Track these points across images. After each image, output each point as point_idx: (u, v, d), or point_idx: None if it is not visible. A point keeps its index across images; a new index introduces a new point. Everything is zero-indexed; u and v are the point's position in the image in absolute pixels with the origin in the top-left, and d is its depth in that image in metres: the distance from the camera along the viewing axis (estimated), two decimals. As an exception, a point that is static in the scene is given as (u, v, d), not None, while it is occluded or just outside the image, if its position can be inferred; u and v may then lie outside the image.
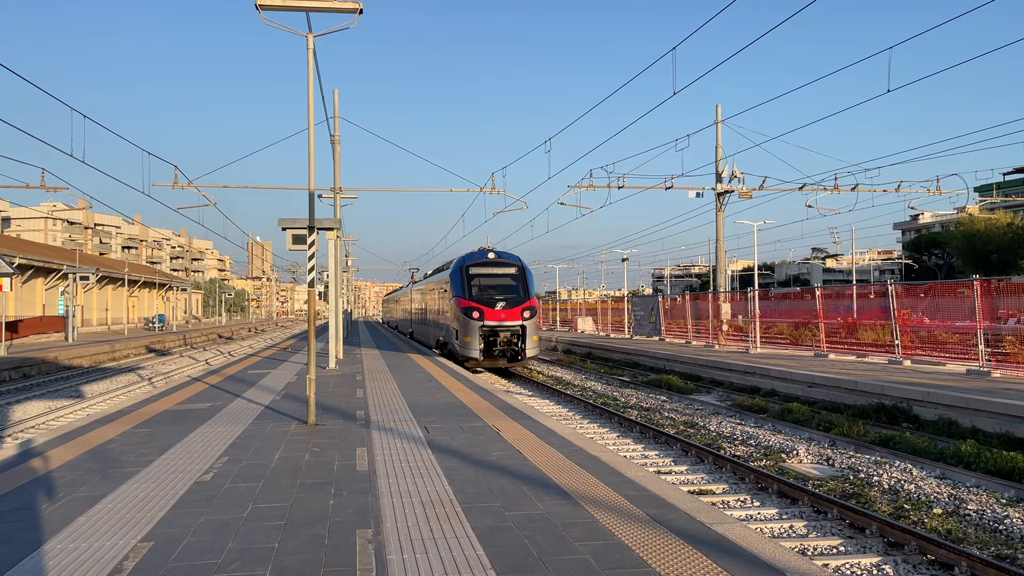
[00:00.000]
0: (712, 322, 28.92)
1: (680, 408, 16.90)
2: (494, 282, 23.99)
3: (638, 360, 27.04)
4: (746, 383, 19.48)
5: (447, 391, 14.90)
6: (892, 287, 19.72)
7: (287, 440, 9.51)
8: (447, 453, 8.61)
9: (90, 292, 65.02)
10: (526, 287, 23.74)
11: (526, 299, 23.31)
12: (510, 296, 23.32)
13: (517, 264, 24.42)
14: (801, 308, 25.77)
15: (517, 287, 23.72)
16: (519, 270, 24.17)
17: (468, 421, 10.91)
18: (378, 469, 7.80)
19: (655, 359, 25.74)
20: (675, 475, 10.63)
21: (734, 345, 27.33)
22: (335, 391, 14.95)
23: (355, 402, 13.21)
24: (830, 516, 8.48)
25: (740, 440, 12.97)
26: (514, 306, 23.10)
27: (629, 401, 18.14)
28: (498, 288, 23.73)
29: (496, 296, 23.30)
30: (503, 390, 18.34)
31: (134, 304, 77.71)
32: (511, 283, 23.89)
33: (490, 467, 7.86)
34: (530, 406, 14.09)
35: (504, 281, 24.01)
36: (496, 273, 24.26)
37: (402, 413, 11.78)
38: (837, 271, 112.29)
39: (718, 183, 30.87)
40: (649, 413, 16.17)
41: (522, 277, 24.01)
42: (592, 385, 21.88)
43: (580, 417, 16.00)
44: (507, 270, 24.26)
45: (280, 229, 12.01)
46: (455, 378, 17.43)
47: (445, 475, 7.49)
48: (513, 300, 23.20)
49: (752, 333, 25.84)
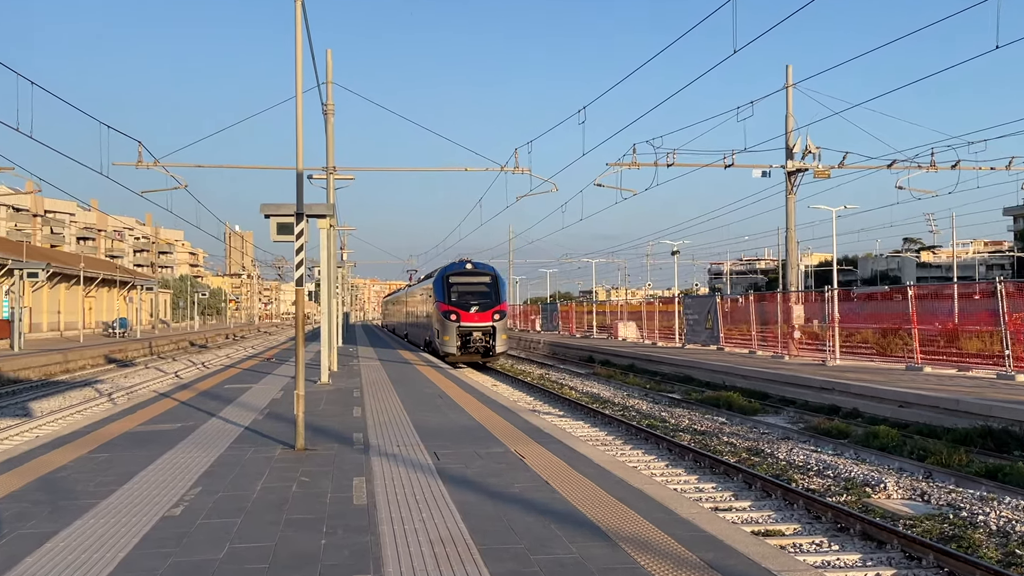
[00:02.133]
0: (781, 328, 28.73)
1: (742, 432, 16.83)
2: (470, 289, 33.47)
3: (691, 374, 26.98)
4: (822, 401, 19.33)
5: (461, 410, 14.94)
6: (1001, 286, 19.45)
7: (271, 468, 9.59)
8: (461, 484, 8.63)
9: (40, 291, 66.07)
10: (498, 294, 33.38)
11: (497, 304, 32.96)
12: (483, 301, 32.86)
13: (491, 274, 34.28)
14: (890, 311, 25.51)
15: (490, 294, 33.27)
16: (492, 279, 33.94)
17: (486, 446, 10.94)
18: (379, 503, 7.84)
19: (712, 372, 25.66)
20: (736, 512, 10.58)
21: (808, 356, 27.12)
22: (328, 410, 15.04)
23: (352, 423, 13.29)
24: (925, 563, 8.39)
25: (815, 470, 12.87)
26: (486, 310, 32.60)
27: (680, 423, 18.09)
28: (473, 294, 33.19)
29: (471, 301, 32.80)
30: (528, 409, 18.37)
31: (91, 306, 78.88)
32: (485, 290, 33.45)
33: (512, 501, 7.87)
34: (560, 428, 14.07)
35: (479, 288, 33.56)
36: (472, 282, 33.83)
37: (407, 436, 11.84)
38: (934, 266, 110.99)
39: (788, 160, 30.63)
40: (704, 437, 16.11)
41: (495, 285, 33.68)
42: (635, 404, 21.89)
43: (621, 442, 16.00)
44: (482, 279, 33.96)
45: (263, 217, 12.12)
46: (470, 394, 17.49)
47: (459, 510, 7.51)
48: (485, 305, 32.73)
49: (830, 341, 25.63)
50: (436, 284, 34.60)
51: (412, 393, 18.05)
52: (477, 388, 19.28)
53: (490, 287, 33.71)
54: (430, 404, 15.95)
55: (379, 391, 18.47)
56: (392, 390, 18.71)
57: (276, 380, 21.55)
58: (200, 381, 21.72)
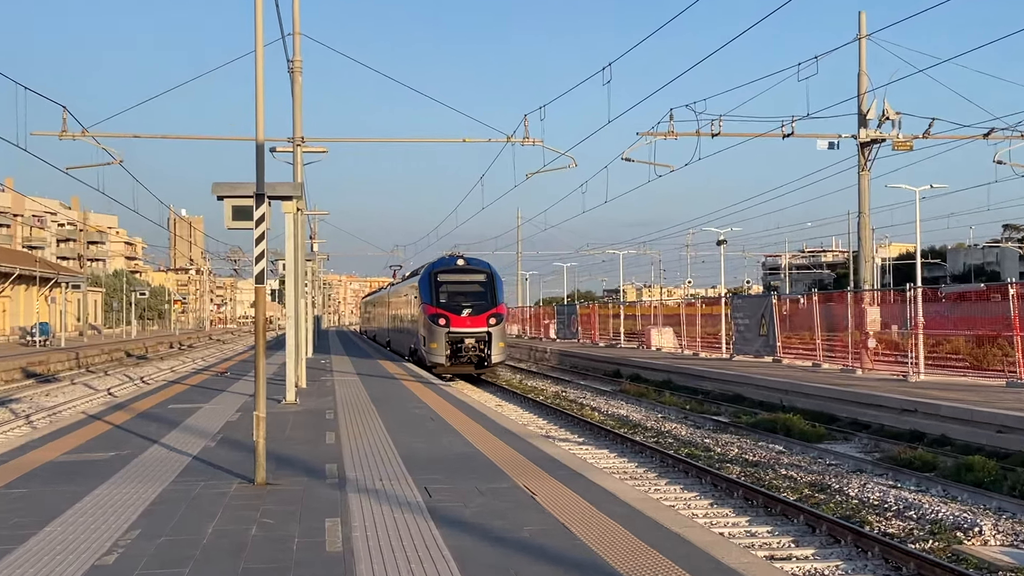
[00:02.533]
0: (852, 335, 28.67)
1: (804, 463, 16.80)
2: (462, 289, 34.71)
3: (741, 391, 26.95)
4: (903, 426, 19.28)
5: (457, 435, 14.95)
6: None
7: (225, 506, 9.61)
8: (458, 527, 8.63)
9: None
10: (494, 294, 34.47)
11: (493, 306, 33.89)
12: (477, 303, 33.90)
13: (486, 271, 35.51)
14: (987, 315, 25.42)
15: (485, 294, 34.38)
16: (488, 277, 35.08)
17: (488, 479, 10.94)
18: (357, 549, 7.85)
19: (767, 390, 25.63)
20: (796, 562, 10.57)
21: (885, 369, 27.06)
22: (295, 435, 15.05)
23: (324, 451, 13.29)
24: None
25: (894, 511, 12.85)
26: (480, 313, 33.53)
27: (728, 452, 18.08)
28: (466, 295, 34.37)
29: (463, 303, 33.88)
30: (540, 434, 18.37)
31: (4, 307, 79.19)
32: (479, 290, 34.57)
33: (521, 548, 7.87)
34: (580, 458, 14.05)
35: (472, 288, 34.72)
36: (464, 280, 35.09)
37: (392, 467, 11.85)
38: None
39: (861, 128, 30.59)
40: (757, 470, 16.09)
41: (490, 284, 34.80)
42: (672, 428, 21.88)
43: (654, 475, 16.00)
44: (475, 277, 35.18)
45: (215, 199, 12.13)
46: (469, 415, 17.51)
47: (455, 559, 7.51)
48: (480, 307, 33.75)
49: (912, 352, 25.57)
50: (422, 283, 35.61)
51: (398, 414, 18.05)
52: (477, 409, 19.28)
53: (485, 286, 34.92)
54: (420, 428, 15.94)
55: (358, 412, 18.47)
56: (373, 411, 18.71)
57: (231, 399, 21.58)
58: (139, 400, 21.77)
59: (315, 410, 18.84)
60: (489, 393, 31.81)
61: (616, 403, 27.99)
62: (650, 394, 29.39)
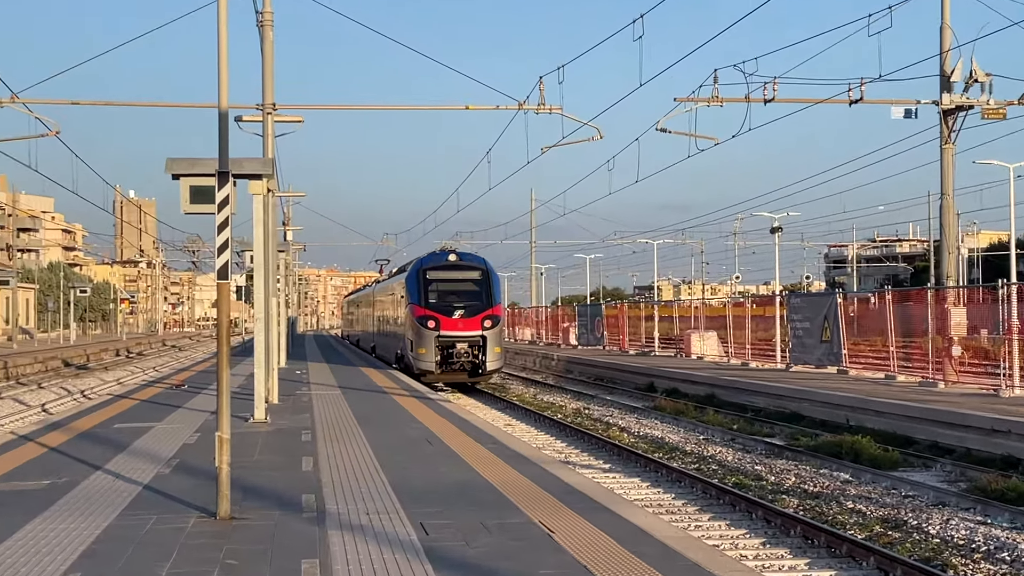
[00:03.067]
0: (933, 341, 28.54)
1: (875, 494, 16.75)
2: (454, 287, 36.98)
3: (799, 408, 26.88)
4: (994, 450, 19.20)
5: (459, 460, 14.94)
6: None
7: (182, 545, 9.61)
8: (459, 570, 8.63)
9: None
10: (490, 293, 36.60)
11: (488, 307, 35.99)
12: (471, 303, 36.05)
13: (481, 268, 37.70)
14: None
15: (479, 293, 36.56)
16: (482, 274, 37.21)
17: (496, 513, 10.93)
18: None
19: (830, 407, 25.56)
20: (865, 614, 10.51)
21: (972, 382, 26.93)
22: (266, 460, 15.05)
23: (300, 479, 13.30)
24: None
25: (983, 552, 12.80)
26: (474, 314, 35.55)
27: (783, 481, 18.03)
28: (458, 294, 36.56)
29: (455, 303, 35.99)
30: (558, 459, 18.36)
31: (-80, 308, 79.36)
32: (473, 289, 36.79)
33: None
34: (606, 489, 14.02)
35: (465, 287, 37.00)
36: (456, 278, 37.34)
37: (381, 498, 11.84)
38: None
39: (944, 93, 30.45)
40: (819, 503, 16.05)
41: (485, 282, 36.85)
42: (717, 453, 21.84)
43: (695, 509, 15.96)
44: (469, 274, 37.37)
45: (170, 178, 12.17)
46: (473, 437, 17.50)
47: (456, 609, 7.50)
48: (474, 308, 35.84)
49: (1006, 361, 25.45)
50: (409, 280, 37.84)
51: (388, 435, 18.03)
52: (483, 429, 19.26)
53: (479, 285, 37.14)
54: (415, 452, 15.93)
55: (340, 432, 18.46)
56: (358, 431, 18.71)
57: (189, 417, 21.61)
58: (79, 418, 21.80)
59: (289, 430, 18.85)
60: (497, 410, 31.81)
61: (649, 422, 27.94)
62: (690, 412, 29.31)
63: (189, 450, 16.22)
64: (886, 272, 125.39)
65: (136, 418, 21.53)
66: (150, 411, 23.14)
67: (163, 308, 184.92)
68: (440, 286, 36.92)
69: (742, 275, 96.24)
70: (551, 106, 27.21)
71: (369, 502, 11.67)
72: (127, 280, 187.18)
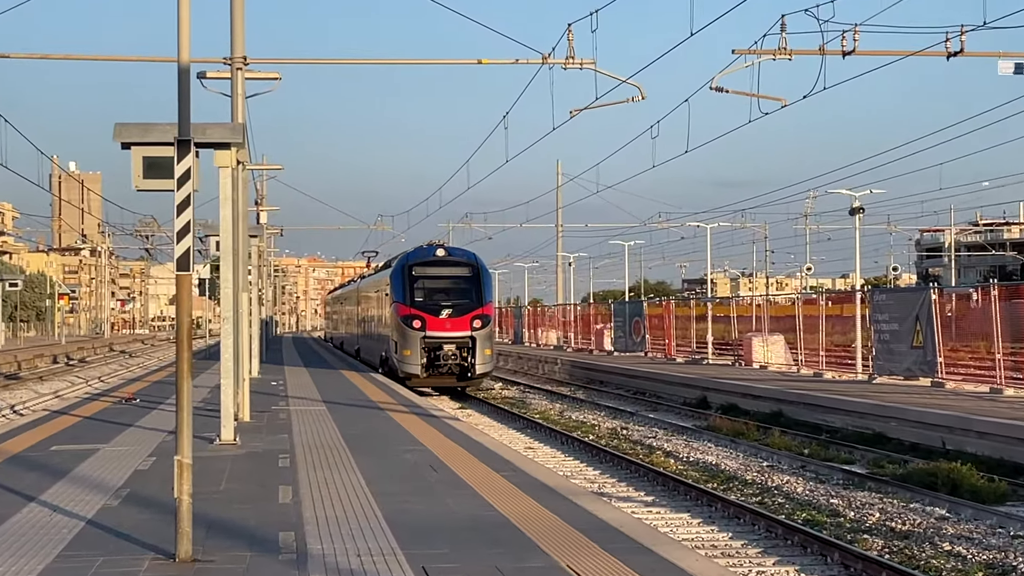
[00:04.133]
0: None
1: (978, 533, 16.66)
2: (441, 285, 41.65)
3: (884, 429, 26.80)
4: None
5: (469, 490, 14.93)
6: None
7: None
8: (471, 624, 8.62)
9: None
10: (479, 291, 40.97)
11: (478, 305, 40.34)
12: (460, 302, 40.55)
13: (471, 264, 42.27)
14: None
15: (469, 291, 41.00)
16: (472, 271, 41.72)
17: (515, 555, 10.91)
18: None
19: (922, 427, 25.47)
20: None
21: (1097, 398, 26.84)
22: (235, 490, 15.06)
23: (276, 512, 13.31)
24: None
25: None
26: (462, 314, 39.83)
27: (865, 518, 17.97)
28: (446, 292, 41.25)
29: (443, 302, 40.51)
30: (589, 490, 18.32)
31: None
32: (462, 286, 41.33)
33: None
34: (647, 526, 13.98)
35: (453, 284, 41.62)
36: (444, 275, 42.01)
37: (374, 536, 11.84)
38: None
39: (1063, 43, 30.28)
40: (908, 543, 16.00)
41: (475, 280, 41.29)
42: (783, 482, 21.78)
43: (757, 551, 15.91)
44: (458, 271, 42.01)
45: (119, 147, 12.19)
46: (486, 463, 17.48)
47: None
48: (462, 307, 40.25)
49: None
50: (394, 277, 42.26)
51: (383, 460, 18.03)
52: (498, 452, 19.24)
53: (469, 282, 41.60)
54: (415, 480, 15.91)
55: (325, 456, 18.47)
56: (347, 454, 18.71)
57: (142, 437, 21.63)
58: (7, 439, 21.83)
59: (264, 453, 18.87)
60: (515, 430, 31.83)
61: (701, 445, 27.88)
62: (751, 433, 29.26)
63: (142, 478, 16.23)
64: (991, 262, 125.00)
65: (78, 439, 21.55)
66: (95, 430, 23.18)
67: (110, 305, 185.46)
68: (427, 283, 41.38)
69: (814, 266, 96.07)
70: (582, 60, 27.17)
71: (360, 541, 11.66)
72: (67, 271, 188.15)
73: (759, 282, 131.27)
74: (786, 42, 30.24)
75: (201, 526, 11.73)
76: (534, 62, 27.51)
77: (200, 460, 15.36)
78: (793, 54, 30.43)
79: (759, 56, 30.56)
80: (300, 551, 11.20)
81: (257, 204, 54.29)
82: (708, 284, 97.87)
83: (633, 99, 28.76)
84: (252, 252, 37.53)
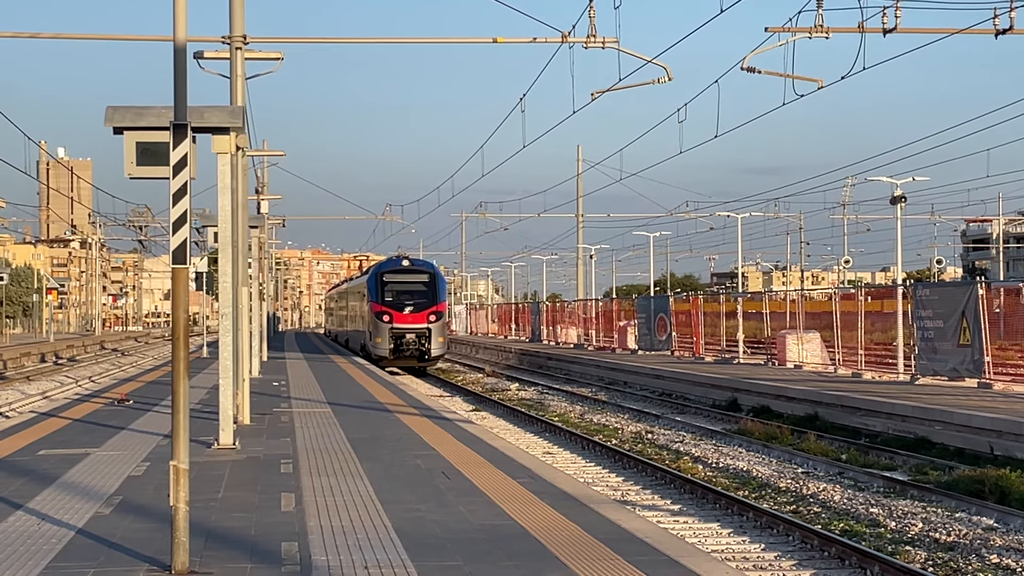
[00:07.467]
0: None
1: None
2: (405, 288, 58.96)
3: (929, 433, 26.73)
4: None
5: (483, 497, 14.94)
6: None
7: (126, 607, 9.63)
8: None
9: None
10: (435, 293, 59.11)
11: (433, 303, 58.33)
12: (419, 301, 57.99)
13: (429, 272, 61.00)
14: None
15: (427, 293, 58.77)
16: (430, 277, 59.97)
17: (531, 568, 10.91)
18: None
19: (969, 431, 25.40)
20: None
21: None
22: (235, 498, 15.07)
23: (279, 522, 13.33)
24: None
25: None
26: (421, 310, 57.37)
27: (907, 528, 17.92)
28: (409, 294, 58.59)
29: (406, 301, 57.80)
30: (612, 498, 18.30)
31: None
32: (421, 289, 58.97)
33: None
34: (674, 536, 13.97)
35: (414, 287, 59.11)
36: (407, 280, 59.59)
37: (382, 547, 11.84)
38: None
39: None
40: (953, 556, 15.95)
41: (432, 284, 59.42)
42: (820, 490, 21.72)
43: (791, 563, 15.88)
44: (418, 277, 59.91)
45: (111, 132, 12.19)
46: (502, 468, 17.48)
47: None
48: (421, 305, 57.78)
49: None
50: (370, 282, 59.73)
51: (392, 466, 18.04)
52: (515, 458, 19.23)
53: (427, 286, 59.24)
54: (426, 487, 15.91)
55: (330, 461, 18.49)
56: (354, 460, 18.71)
57: (136, 441, 21.66)
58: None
59: (265, 459, 18.89)
60: (532, 434, 31.83)
61: (731, 451, 27.82)
62: (785, 437, 29.22)
63: (135, 484, 16.25)
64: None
65: (67, 442, 21.58)
66: (85, 433, 23.21)
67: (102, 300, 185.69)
68: (394, 287, 59.01)
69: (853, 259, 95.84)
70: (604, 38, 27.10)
71: (367, 552, 11.66)
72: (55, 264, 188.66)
73: (793, 276, 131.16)
74: (823, 19, 30.17)
75: (198, 536, 11.74)
76: (553, 40, 27.46)
77: (197, 465, 15.39)
78: (830, 32, 30.35)
79: (794, 34, 30.47)
80: (304, 563, 11.21)
81: (258, 192, 54.34)
82: (739, 278, 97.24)
83: (659, 80, 28.69)
84: (252, 244, 37.65)
